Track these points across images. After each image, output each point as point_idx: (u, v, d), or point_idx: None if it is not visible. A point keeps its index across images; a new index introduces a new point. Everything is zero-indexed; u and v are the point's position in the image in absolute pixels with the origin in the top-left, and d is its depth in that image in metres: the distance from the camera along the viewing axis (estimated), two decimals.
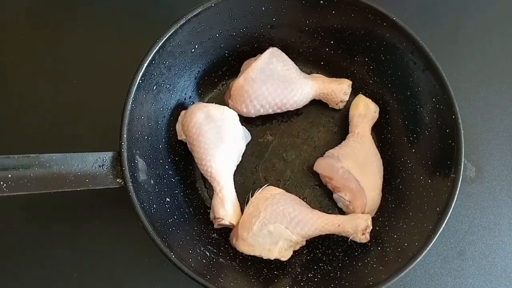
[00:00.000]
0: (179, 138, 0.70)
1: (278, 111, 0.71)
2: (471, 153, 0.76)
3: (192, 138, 0.67)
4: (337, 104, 0.73)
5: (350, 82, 0.73)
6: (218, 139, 0.66)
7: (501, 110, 0.79)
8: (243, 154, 0.71)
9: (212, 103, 0.71)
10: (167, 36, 0.61)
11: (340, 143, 0.71)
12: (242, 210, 0.67)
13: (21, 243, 0.69)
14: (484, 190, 0.75)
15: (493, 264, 0.71)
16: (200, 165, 0.67)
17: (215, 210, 0.65)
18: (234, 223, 0.66)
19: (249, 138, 0.72)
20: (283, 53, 0.72)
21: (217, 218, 0.65)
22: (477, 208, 0.74)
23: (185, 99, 0.72)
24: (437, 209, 0.59)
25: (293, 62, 0.72)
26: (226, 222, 0.65)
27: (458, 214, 0.73)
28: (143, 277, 0.68)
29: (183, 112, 0.70)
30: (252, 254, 0.64)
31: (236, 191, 0.68)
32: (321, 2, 0.66)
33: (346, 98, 0.73)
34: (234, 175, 0.69)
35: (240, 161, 0.71)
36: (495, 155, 0.76)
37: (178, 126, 0.70)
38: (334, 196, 0.70)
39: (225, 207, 0.65)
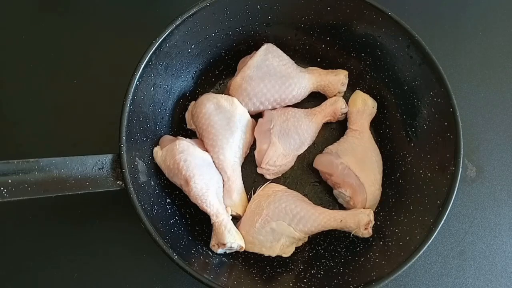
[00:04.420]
0: (188, 127, 0.71)
1: (277, 106, 0.71)
2: (471, 153, 0.76)
3: (201, 128, 0.67)
4: (335, 95, 0.73)
5: (347, 73, 0.73)
6: (228, 130, 0.67)
7: (501, 110, 0.79)
8: None
9: None
10: (163, 36, 0.61)
11: (338, 139, 0.71)
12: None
13: (21, 243, 0.69)
14: (485, 190, 0.75)
15: (494, 264, 0.71)
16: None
17: (224, 198, 0.66)
18: (241, 213, 0.66)
19: None
20: (278, 49, 0.72)
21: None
22: (477, 208, 0.74)
23: (182, 99, 0.72)
24: (438, 202, 0.60)
25: (288, 57, 0.72)
26: (232, 212, 0.66)
27: (459, 214, 0.73)
28: (143, 277, 0.68)
29: (193, 102, 0.71)
30: (251, 250, 0.65)
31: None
32: None
33: (344, 88, 0.73)
34: None
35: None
36: (496, 155, 0.77)
37: (187, 115, 0.71)
38: (335, 192, 0.70)
39: (232, 197, 0.66)
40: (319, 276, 0.63)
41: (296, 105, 0.73)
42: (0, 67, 0.78)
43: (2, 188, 0.52)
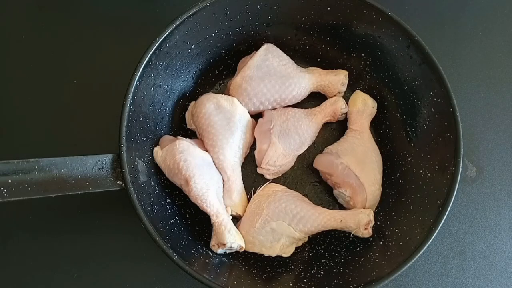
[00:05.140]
0: (188, 127, 0.71)
1: (277, 106, 0.71)
2: (471, 153, 0.76)
3: (201, 128, 0.67)
4: (335, 95, 0.73)
5: (347, 73, 0.73)
6: (228, 130, 0.67)
7: (501, 110, 0.79)
8: None
9: None
10: (163, 36, 0.61)
11: (338, 139, 0.71)
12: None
13: (21, 243, 0.69)
14: (485, 190, 0.75)
15: (494, 264, 0.71)
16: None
17: (224, 198, 0.66)
18: (241, 213, 0.66)
19: None
20: (278, 49, 0.72)
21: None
22: (477, 208, 0.74)
23: (182, 99, 0.72)
24: (438, 202, 0.60)
25: (288, 57, 0.72)
26: (232, 212, 0.66)
27: (459, 214, 0.73)
28: (143, 277, 0.68)
29: (193, 102, 0.71)
30: (252, 250, 0.65)
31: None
32: None
33: (344, 88, 0.73)
34: None
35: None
36: (496, 155, 0.76)
37: (187, 115, 0.71)
38: (335, 192, 0.70)
39: (232, 197, 0.66)
40: (319, 276, 0.63)
41: (296, 105, 0.73)
42: (0, 67, 0.78)
43: (2, 188, 0.52)
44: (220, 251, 0.63)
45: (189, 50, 0.68)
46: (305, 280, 0.62)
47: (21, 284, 0.67)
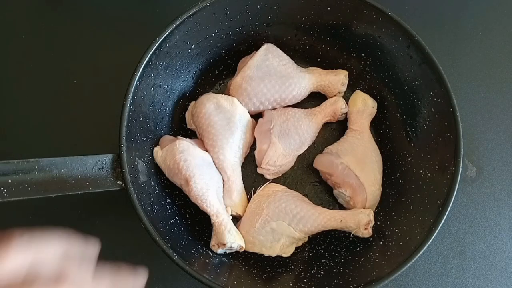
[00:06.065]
0: (188, 127, 0.71)
1: (277, 106, 0.71)
2: (471, 153, 0.76)
3: (201, 128, 0.68)
4: (335, 95, 0.73)
5: (347, 73, 0.73)
6: (228, 130, 0.67)
7: (502, 110, 0.79)
8: None
9: None
10: (163, 36, 0.61)
11: (338, 139, 0.71)
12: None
13: None
14: (485, 190, 0.75)
15: (494, 264, 0.71)
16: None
17: (224, 198, 0.66)
18: (241, 213, 0.66)
19: None
20: (278, 49, 0.72)
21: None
22: (477, 208, 0.74)
23: (182, 99, 0.72)
24: (438, 202, 0.60)
25: (288, 57, 0.72)
26: (232, 212, 0.66)
27: (459, 214, 0.73)
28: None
29: (193, 102, 0.71)
30: (252, 250, 0.65)
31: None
32: None
33: (344, 88, 0.73)
34: None
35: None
36: (496, 155, 0.76)
37: (187, 115, 0.71)
38: (335, 192, 0.70)
39: (232, 197, 0.66)
40: (319, 276, 0.63)
41: (296, 105, 0.73)
42: (0, 67, 0.78)
43: (2, 188, 0.52)
44: (220, 251, 0.63)
45: (189, 50, 0.68)
46: (305, 280, 0.62)
47: None
